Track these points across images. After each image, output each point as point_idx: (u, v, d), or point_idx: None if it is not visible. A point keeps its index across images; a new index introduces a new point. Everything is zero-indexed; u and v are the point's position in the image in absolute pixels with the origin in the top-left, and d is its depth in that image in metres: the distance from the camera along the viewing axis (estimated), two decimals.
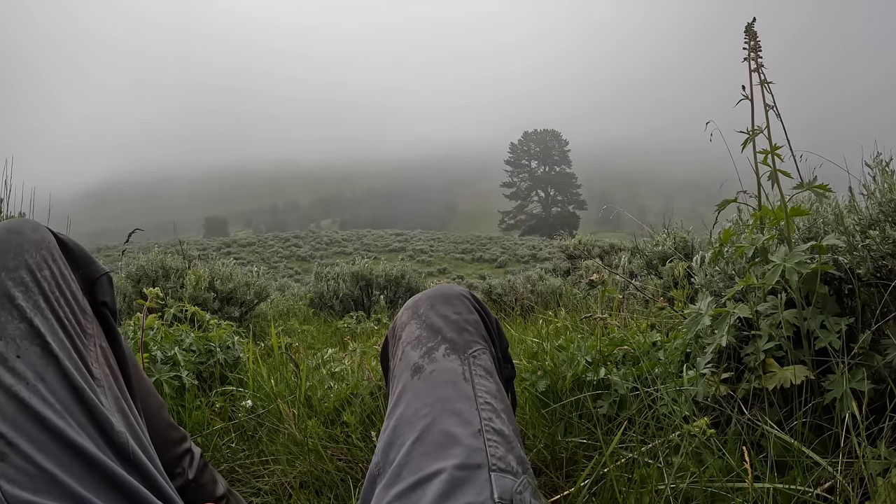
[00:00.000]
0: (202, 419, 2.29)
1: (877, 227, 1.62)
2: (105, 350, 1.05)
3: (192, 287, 5.25)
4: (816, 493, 1.33)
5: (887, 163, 1.71)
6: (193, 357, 2.70)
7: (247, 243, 49.74)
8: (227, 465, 2.07)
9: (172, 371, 2.45)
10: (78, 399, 0.91)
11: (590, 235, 11.17)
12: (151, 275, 5.48)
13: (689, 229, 5.48)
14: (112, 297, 1.15)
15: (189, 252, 6.37)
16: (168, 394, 2.36)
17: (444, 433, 1.04)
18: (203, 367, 2.76)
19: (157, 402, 1.41)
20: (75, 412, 0.89)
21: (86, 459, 0.84)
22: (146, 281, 5.44)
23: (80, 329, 1.01)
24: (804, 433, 1.55)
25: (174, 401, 2.36)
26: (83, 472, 0.83)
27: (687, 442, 1.52)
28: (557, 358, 2.21)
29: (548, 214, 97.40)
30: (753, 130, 1.70)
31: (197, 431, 2.22)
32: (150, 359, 2.43)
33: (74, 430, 0.86)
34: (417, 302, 1.40)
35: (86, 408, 0.90)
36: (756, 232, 1.82)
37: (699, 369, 1.75)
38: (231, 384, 2.65)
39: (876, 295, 1.63)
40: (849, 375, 1.49)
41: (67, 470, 0.82)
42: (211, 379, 2.76)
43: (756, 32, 1.71)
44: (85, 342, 1.00)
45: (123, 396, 1.01)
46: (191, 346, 2.74)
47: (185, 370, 2.48)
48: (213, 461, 2.08)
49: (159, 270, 5.52)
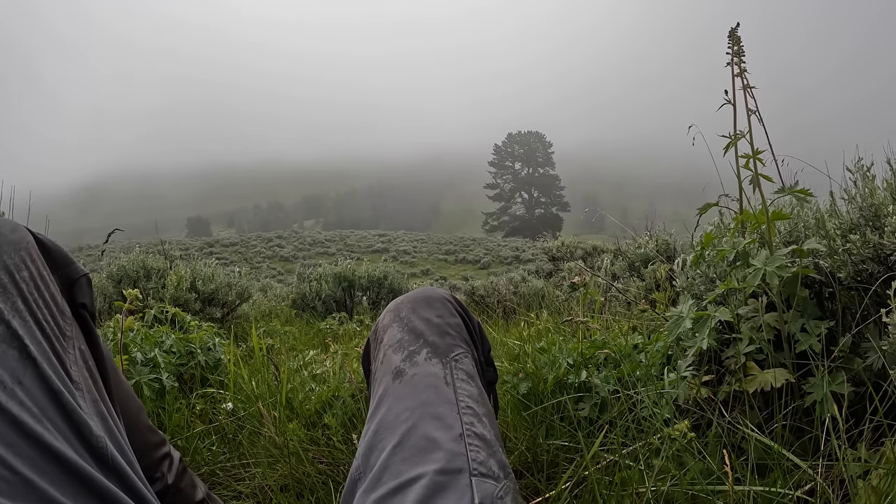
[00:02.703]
0: (182, 422, 2.27)
1: (857, 232, 1.63)
2: (84, 353, 1.03)
3: (174, 288, 5.21)
4: (797, 496, 1.33)
5: (868, 168, 1.72)
6: (174, 359, 2.67)
7: (230, 243, 49.57)
8: (207, 469, 2.06)
9: (153, 373, 2.43)
10: (56, 403, 0.89)
11: (573, 237, 11.20)
12: (133, 275, 5.42)
13: (672, 232, 5.50)
14: (91, 298, 1.13)
15: (171, 252, 6.32)
16: (148, 396, 2.34)
17: (425, 438, 1.04)
18: (184, 368, 2.74)
19: (136, 406, 1.39)
20: (53, 416, 0.87)
21: (64, 464, 0.83)
22: (127, 281, 5.39)
23: (58, 331, 1.00)
24: (785, 436, 1.56)
25: (154, 403, 2.34)
26: (61, 478, 0.82)
27: (667, 445, 1.53)
28: (539, 360, 2.21)
29: (531, 216, 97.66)
30: (736, 135, 1.71)
31: (177, 434, 2.20)
32: (130, 360, 2.41)
33: (52, 435, 0.85)
34: (399, 304, 1.40)
35: (64, 412, 0.89)
36: (737, 235, 1.83)
37: (680, 372, 1.76)
38: (212, 386, 2.64)
39: (856, 298, 1.64)
40: (829, 378, 1.50)
41: (45, 475, 0.80)
42: (192, 381, 2.74)
43: (739, 37, 1.72)
44: (63, 345, 0.99)
45: (102, 400, 0.99)
46: (171, 347, 2.71)
47: (165, 372, 2.46)
48: (193, 464, 2.07)
49: (140, 271, 5.47)
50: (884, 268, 1.56)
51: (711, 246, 1.87)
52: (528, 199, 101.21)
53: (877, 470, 1.26)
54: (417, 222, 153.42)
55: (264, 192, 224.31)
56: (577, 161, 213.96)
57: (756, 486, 1.36)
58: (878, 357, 1.45)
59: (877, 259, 1.57)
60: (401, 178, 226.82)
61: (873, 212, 1.62)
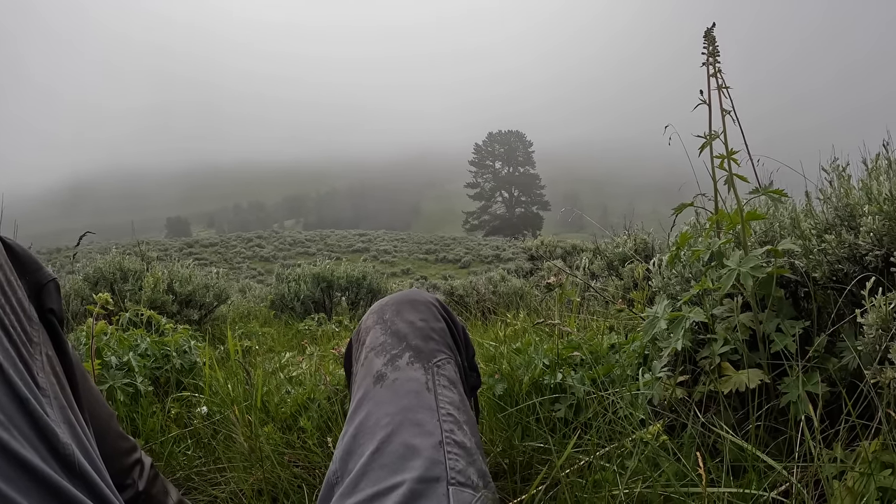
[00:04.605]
0: (158, 426, 2.25)
1: (832, 232, 1.63)
2: (51, 359, 1.01)
3: (151, 289, 5.16)
4: (772, 497, 1.33)
5: (843, 168, 1.73)
6: (149, 362, 2.65)
7: (209, 244, 49.38)
8: (183, 473, 2.04)
9: (127, 377, 2.40)
10: (22, 410, 0.86)
11: (552, 236, 11.21)
12: (109, 277, 5.36)
13: (650, 231, 5.52)
14: (59, 303, 1.11)
15: (148, 253, 6.26)
16: (122, 401, 2.31)
17: (405, 444, 1.03)
18: (159, 372, 2.71)
19: (106, 412, 1.37)
20: (20, 423, 0.85)
21: (30, 472, 0.80)
22: (104, 283, 5.33)
23: (25, 337, 0.97)
24: (760, 436, 1.55)
25: (129, 408, 2.32)
26: (28, 486, 0.79)
27: (639, 448, 1.52)
28: (514, 361, 2.20)
29: (511, 215, 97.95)
30: (710, 135, 1.70)
31: (152, 439, 2.19)
32: (104, 365, 2.38)
33: (18, 443, 0.82)
34: (384, 306, 1.39)
35: (31, 419, 0.86)
36: (712, 236, 1.83)
37: (655, 373, 1.75)
38: (187, 390, 2.61)
39: (832, 298, 1.64)
40: (804, 378, 1.49)
41: (11, 483, 0.78)
42: (167, 385, 2.71)
43: (714, 38, 1.72)
44: (30, 351, 0.96)
45: (70, 406, 0.97)
46: (146, 351, 2.69)
47: (139, 376, 2.43)
48: (168, 469, 2.06)
49: (117, 272, 5.41)
50: (859, 268, 1.56)
51: (687, 246, 1.87)
52: (509, 198, 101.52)
53: (852, 470, 1.26)
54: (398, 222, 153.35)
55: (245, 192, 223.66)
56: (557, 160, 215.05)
57: (731, 487, 1.36)
58: (854, 357, 1.45)
59: (852, 259, 1.57)
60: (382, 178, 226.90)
61: (849, 212, 1.62)
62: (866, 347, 1.40)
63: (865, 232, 1.51)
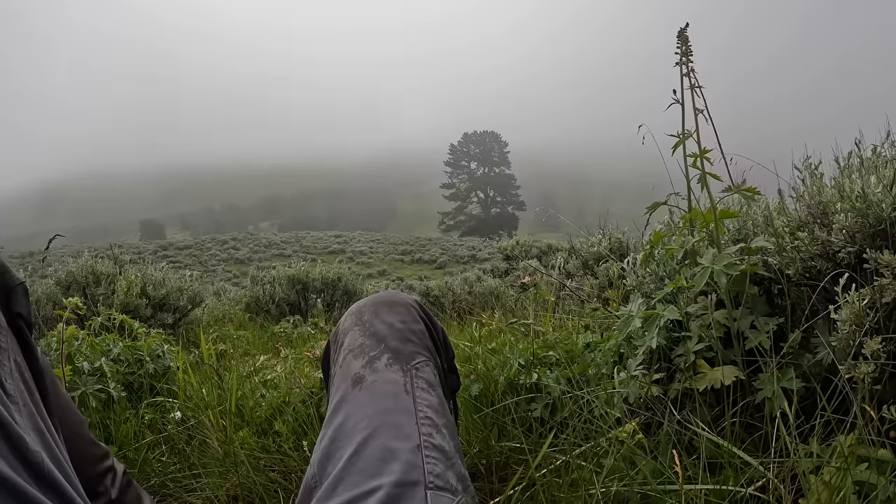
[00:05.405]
0: (131, 432, 2.22)
1: (805, 229, 1.64)
2: (20, 365, 0.98)
3: (124, 293, 5.11)
4: (749, 493, 1.33)
5: (816, 166, 1.74)
6: (122, 368, 2.61)
7: (184, 246, 49.00)
8: (157, 480, 2.02)
9: (99, 383, 2.37)
10: None
11: (528, 236, 11.23)
12: (81, 281, 5.30)
13: (625, 230, 5.54)
14: (28, 308, 1.08)
15: (121, 256, 6.20)
16: (95, 407, 2.28)
17: (383, 448, 1.02)
18: (133, 377, 2.68)
19: (77, 419, 1.35)
20: None
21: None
22: (76, 288, 5.27)
23: None
24: (737, 432, 1.56)
25: (101, 414, 2.29)
26: None
27: (615, 447, 1.52)
28: (490, 362, 2.20)
29: (487, 215, 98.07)
30: (683, 134, 1.71)
31: (126, 445, 2.16)
32: (76, 370, 2.34)
33: None
34: (362, 308, 1.38)
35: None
36: (686, 234, 1.83)
37: (630, 371, 1.75)
38: (161, 395, 2.58)
39: (805, 295, 1.65)
40: (779, 374, 1.50)
41: None
42: (141, 390, 2.68)
43: (688, 37, 1.72)
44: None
45: (39, 413, 0.95)
46: (119, 356, 2.65)
47: (112, 382, 2.40)
48: (143, 476, 2.03)
49: (89, 276, 5.35)
50: (832, 264, 1.57)
51: (661, 244, 1.87)
52: (484, 198, 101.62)
53: (829, 465, 1.27)
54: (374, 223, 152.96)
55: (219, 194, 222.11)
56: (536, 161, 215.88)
57: (708, 484, 1.36)
58: (828, 353, 1.46)
59: (825, 256, 1.58)
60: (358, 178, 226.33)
61: (821, 209, 1.64)
62: (840, 343, 1.41)
63: (838, 229, 1.52)
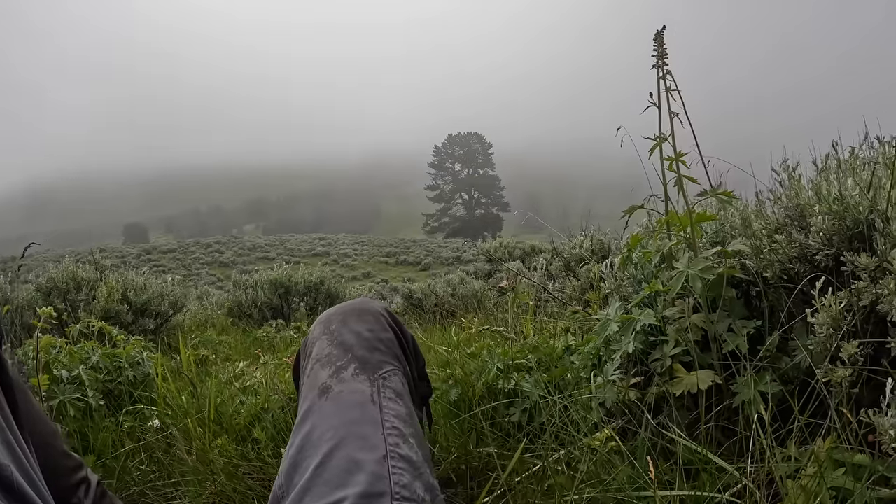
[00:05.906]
0: (111, 441, 2.19)
1: (783, 232, 1.64)
2: None
3: (105, 299, 5.07)
4: (726, 499, 1.33)
5: (794, 168, 1.74)
6: (101, 375, 2.59)
7: (167, 250, 48.83)
8: (137, 489, 2.00)
9: (78, 391, 2.34)
10: None
11: (511, 238, 11.25)
12: (62, 287, 5.26)
13: (607, 231, 5.56)
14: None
15: (102, 261, 6.15)
16: (73, 416, 2.26)
17: (348, 459, 1.01)
18: (112, 385, 2.65)
19: (49, 430, 1.33)
20: None
21: None
22: (57, 294, 5.22)
23: None
24: (714, 436, 1.55)
25: (80, 423, 2.27)
26: None
27: (588, 455, 1.51)
28: (469, 366, 2.18)
29: (471, 217, 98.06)
30: (660, 137, 1.71)
31: (105, 454, 2.14)
32: (54, 379, 2.31)
33: None
34: (331, 316, 1.38)
35: None
36: (663, 237, 1.83)
37: (607, 376, 1.75)
38: (140, 402, 2.55)
39: (783, 297, 1.64)
40: (756, 378, 1.50)
41: None
42: (120, 398, 2.65)
43: (664, 39, 1.72)
44: None
45: (8, 426, 0.93)
46: (98, 363, 2.62)
47: (91, 390, 2.38)
48: (122, 485, 2.02)
49: (70, 282, 5.30)
50: (809, 267, 1.57)
51: (639, 247, 1.87)
52: (469, 199, 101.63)
53: (805, 470, 1.26)
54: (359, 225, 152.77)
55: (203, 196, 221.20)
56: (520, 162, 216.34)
57: (684, 490, 1.36)
58: (805, 356, 1.46)
59: (802, 258, 1.58)
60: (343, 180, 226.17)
61: (799, 212, 1.63)
62: (817, 346, 1.41)
63: (815, 232, 1.52)
